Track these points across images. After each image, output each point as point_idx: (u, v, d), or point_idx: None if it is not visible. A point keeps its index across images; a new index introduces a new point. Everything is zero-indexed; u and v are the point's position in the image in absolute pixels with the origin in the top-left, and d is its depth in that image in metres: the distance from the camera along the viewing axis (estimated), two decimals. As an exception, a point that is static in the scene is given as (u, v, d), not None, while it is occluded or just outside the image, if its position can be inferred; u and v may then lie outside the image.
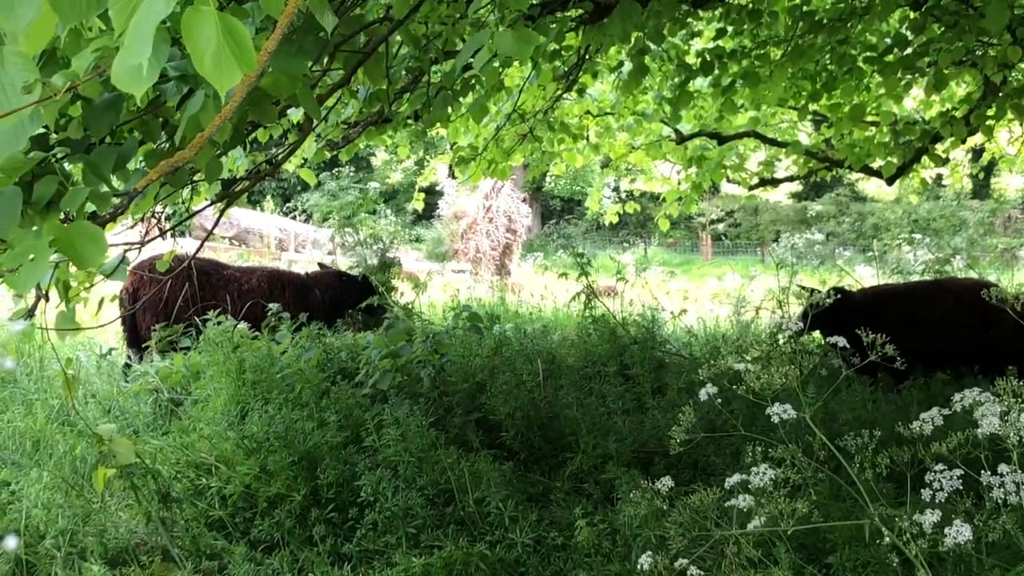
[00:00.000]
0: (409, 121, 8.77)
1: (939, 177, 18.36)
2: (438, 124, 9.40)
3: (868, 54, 9.62)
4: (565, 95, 11.13)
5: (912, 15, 9.12)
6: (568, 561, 5.61)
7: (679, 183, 14.15)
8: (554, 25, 7.86)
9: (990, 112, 9.44)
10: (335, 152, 9.02)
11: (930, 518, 2.85)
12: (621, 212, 15.64)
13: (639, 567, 3.17)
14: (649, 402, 8.36)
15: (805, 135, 14.84)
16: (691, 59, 10.61)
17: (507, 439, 7.49)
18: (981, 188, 45.51)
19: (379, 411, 7.16)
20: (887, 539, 2.97)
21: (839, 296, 6.91)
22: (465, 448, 7.15)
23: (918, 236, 19.02)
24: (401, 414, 6.94)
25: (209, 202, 6.92)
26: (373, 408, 7.39)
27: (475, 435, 7.36)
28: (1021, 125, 12.61)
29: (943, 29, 8.61)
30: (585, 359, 9.57)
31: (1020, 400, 2.99)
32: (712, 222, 49.03)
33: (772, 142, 13.12)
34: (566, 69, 10.18)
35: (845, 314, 8.65)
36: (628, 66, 9.73)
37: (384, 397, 8.02)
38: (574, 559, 5.58)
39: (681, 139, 12.81)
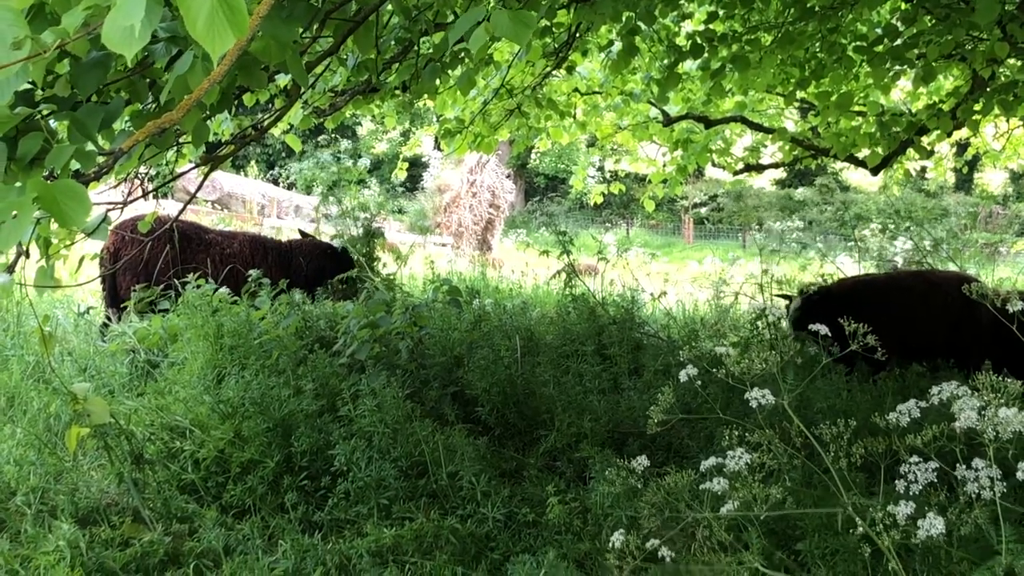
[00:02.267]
0: (397, 91, 8.74)
1: (923, 169, 18.43)
2: (425, 95, 9.36)
3: (858, 44, 9.60)
4: (554, 72, 11.10)
5: (903, 6, 9.13)
6: (538, 538, 5.63)
7: (664, 165, 14.15)
8: (545, 2, 7.84)
9: (977, 107, 9.45)
10: (321, 119, 9.00)
11: (904, 510, 2.87)
12: (605, 192, 15.63)
13: (610, 545, 3.19)
14: (625, 383, 8.39)
15: (792, 122, 14.85)
16: (681, 41, 10.58)
17: (482, 414, 7.51)
18: (964, 182, 45.66)
19: (355, 381, 7.17)
20: (859, 529, 2.99)
21: (818, 294, 6.95)
22: (440, 421, 7.16)
23: (894, 226, 19.07)
24: (378, 385, 6.95)
25: (193, 165, 6.89)
26: (350, 378, 7.39)
27: (451, 409, 7.37)
28: (1007, 121, 12.64)
29: (933, 22, 8.62)
30: (563, 337, 9.59)
31: (999, 395, 3.00)
32: (695, 205, 49.04)
33: (759, 128, 13.12)
34: (556, 46, 10.16)
35: (824, 306, 8.71)
36: (618, 46, 9.72)
37: (361, 367, 8.02)
38: (544, 536, 5.60)
39: (668, 121, 12.80)
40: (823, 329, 3.73)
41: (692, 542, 3.29)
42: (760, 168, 14.07)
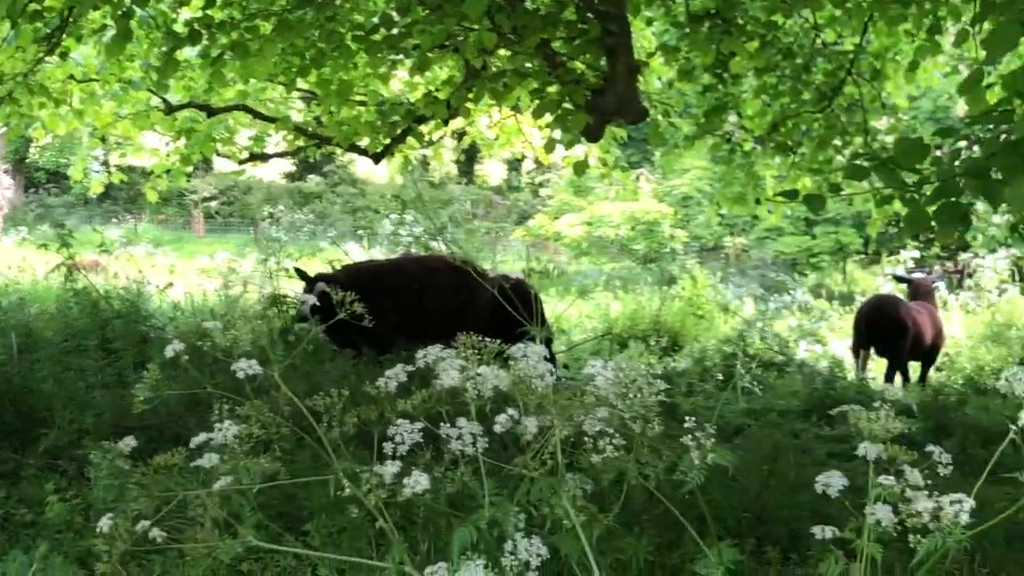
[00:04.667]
0: None
1: (425, 159, 19.02)
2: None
3: (356, 33, 9.75)
4: (47, 58, 10.64)
5: (397, -4, 9.35)
6: (37, 537, 5.40)
7: (168, 155, 13.87)
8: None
9: (470, 95, 9.81)
10: None
11: (390, 469, 2.95)
12: (107, 184, 15.19)
13: (97, 530, 3.09)
14: (131, 376, 8.23)
15: (296, 112, 14.92)
16: (179, 28, 10.40)
17: (-27, 416, 7.13)
18: (465, 173, 47.59)
19: None
20: (347, 491, 3.05)
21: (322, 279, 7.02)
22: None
23: (395, 216, 19.66)
24: None
25: None
26: None
27: (-70, 413, 6.97)
28: (500, 111, 13.24)
29: (427, 12, 8.87)
30: (65, 333, 9.26)
31: (479, 354, 3.14)
32: (204, 200, 48.55)
33: (262, 117, 13.11)
34: (48, 31, 9.74)
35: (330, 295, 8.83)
36: (112, 30, 9.43)
37: None
38: (44, 535, 5.39)
39: (170, 109, 12.56)
40: (309, 302, 3.78)
41: (188, 522, 3.25)
42: (265, 157, 14.11)
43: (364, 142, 11.66)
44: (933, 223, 5.49)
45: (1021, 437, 2.79)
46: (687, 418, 2.95)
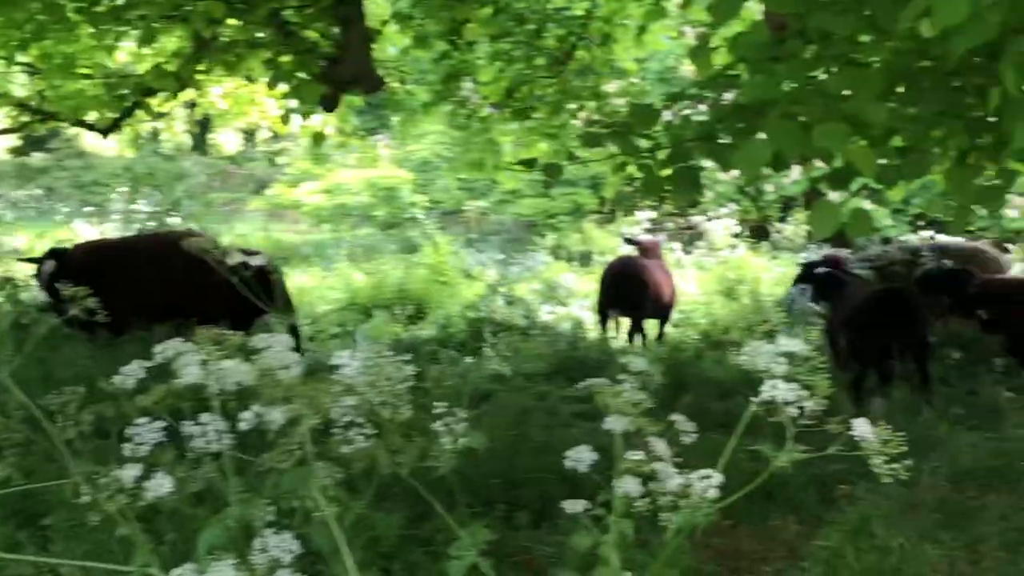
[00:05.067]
0: None
1: (156, 132, 18.51)
2: None
3: (79, 5, 9.39)
4: None
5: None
6: None
7: None
8: None
9: (201, 67, 9.59)
10: None
11: (131, 472, 2.83)
12: None
13: None
14: None
15: (19, 86, 14.32)
16: None
17: None
18: (199, 144, 46.43)
19: None
20: (87, 497, 2.92)
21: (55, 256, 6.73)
22: None
23: (133, 189, 19.14)
24: None
25: None
26: None
27: None
28: (232, 81, 13.00)
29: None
30: None
31: (220, 349, 3.04)
32: (-78, 178, 46.19)
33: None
34: None
35: (63, 272, 8.49)
36: None
37: None
38: None
39: None
40: (42, 295, 3.63)
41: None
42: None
43: (92, 116, 11.27)
44: (668, 186, 5.63)
45: (764, 410, 2.86)
46: (436, 404, 2.94)
